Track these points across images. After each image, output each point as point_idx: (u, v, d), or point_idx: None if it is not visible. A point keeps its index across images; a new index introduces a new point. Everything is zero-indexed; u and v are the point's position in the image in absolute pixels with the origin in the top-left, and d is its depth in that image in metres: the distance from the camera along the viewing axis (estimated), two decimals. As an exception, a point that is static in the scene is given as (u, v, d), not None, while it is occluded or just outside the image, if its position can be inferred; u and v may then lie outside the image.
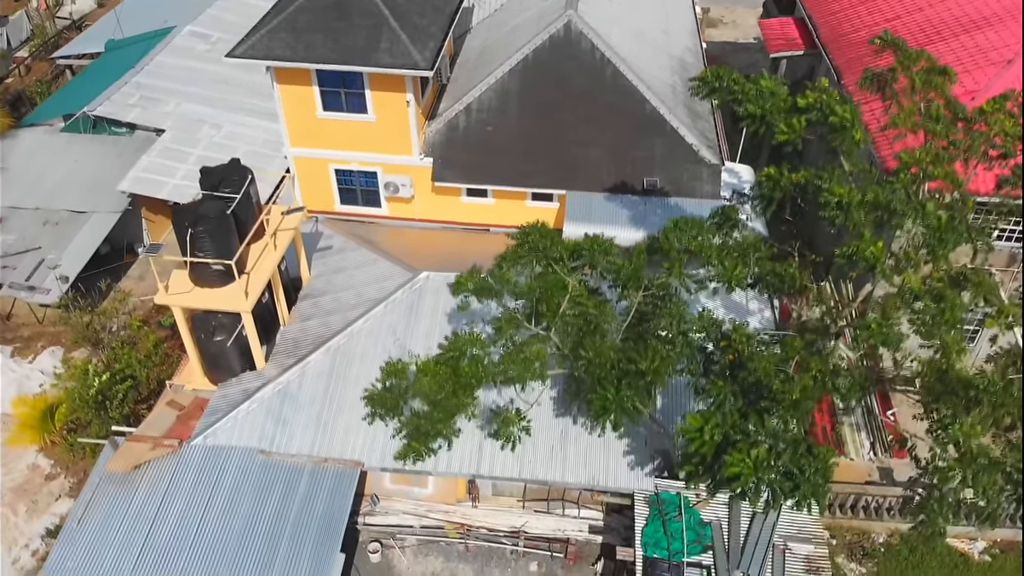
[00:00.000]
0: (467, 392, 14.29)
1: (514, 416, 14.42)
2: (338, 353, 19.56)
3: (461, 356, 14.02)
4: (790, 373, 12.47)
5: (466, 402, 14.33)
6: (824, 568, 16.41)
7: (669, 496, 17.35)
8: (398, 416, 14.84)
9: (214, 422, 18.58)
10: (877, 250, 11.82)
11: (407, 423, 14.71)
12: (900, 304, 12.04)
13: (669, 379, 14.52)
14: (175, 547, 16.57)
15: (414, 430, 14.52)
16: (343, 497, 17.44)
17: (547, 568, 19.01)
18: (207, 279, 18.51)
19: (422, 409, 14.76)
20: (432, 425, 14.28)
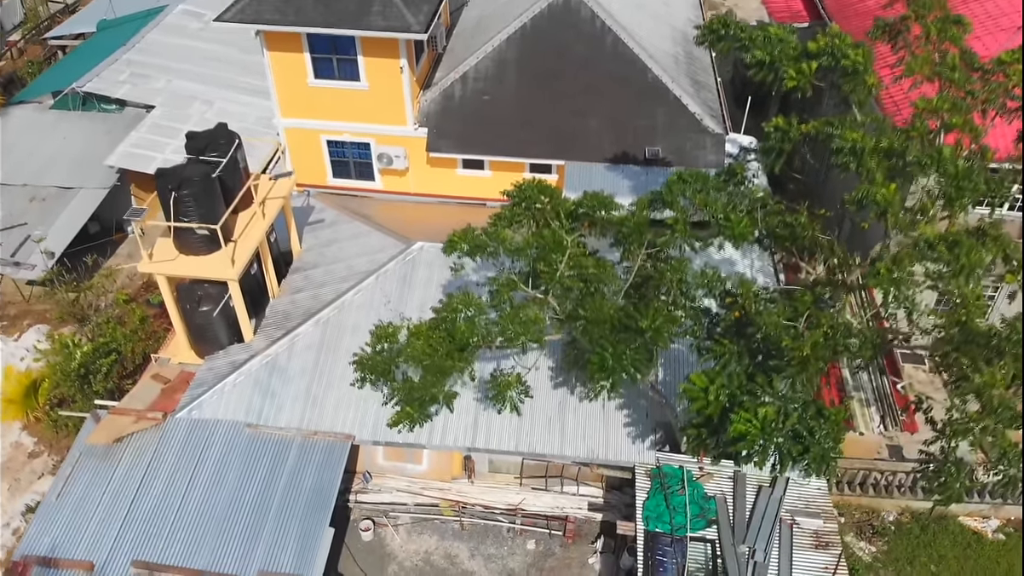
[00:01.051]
0: (462, 354, 13.60)
1: (512, 380, 13.74)
2: (328, 325, 18.90)
3: (455, 316, 13.32)
4: (800, 329, 11.81)
5: (461, 365, 13.63)
6: (834, 543, 15.73)
7: (671, 469, 16.68)
8: (389, 381, 14.15)
9: (200, 395, 17.93)
10: (889, 192, 11.16)
11: (399, 388, 14.02)
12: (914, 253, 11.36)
13: (671, 343, 13.86)
14: (157, 522, 15.91)
15: (407, 395, 13.83)
16: (333, 471, 16.79)
17: (545, 546, 18.35)
18: (192, 246, 17.86)
19: (415, 374, 14.04)
20: (426, 389, 13.58)
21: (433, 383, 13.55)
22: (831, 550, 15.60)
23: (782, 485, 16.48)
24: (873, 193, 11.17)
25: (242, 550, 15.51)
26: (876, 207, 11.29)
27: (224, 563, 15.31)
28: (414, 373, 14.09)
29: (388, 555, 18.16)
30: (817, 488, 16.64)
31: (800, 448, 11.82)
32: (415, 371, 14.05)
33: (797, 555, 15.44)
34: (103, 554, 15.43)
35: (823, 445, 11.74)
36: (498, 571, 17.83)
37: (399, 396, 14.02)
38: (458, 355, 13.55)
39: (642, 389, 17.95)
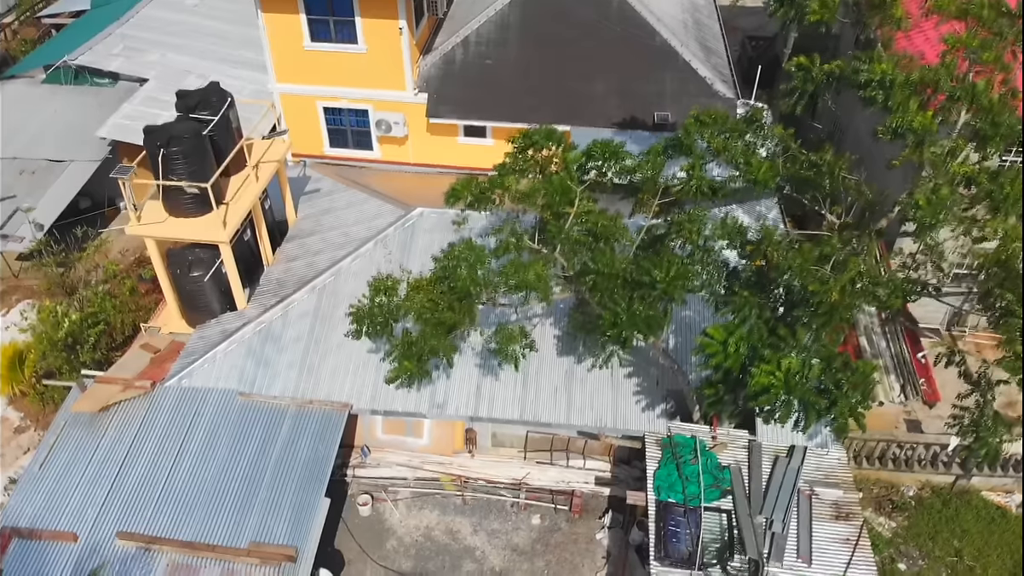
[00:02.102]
0: (463, 304, 12.83)
1: (516, 332, 12.95)
2: (324, 292, 18.15)
3: (457, 265, 12.56)
4: (827, 275, 11.04)
5: (463, 316, 12.86)
6: (855, 514, 14.96)
7: (683, 439, 15.91)
8: (387, 335, 13.38)
9: (190, 363, 17.19)
10: (926, 119, 10.40)
11: (398, 343, 13.25)
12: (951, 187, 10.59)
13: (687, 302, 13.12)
14: (144, 492, 15.18)
15: (406, 348, 13.07)
16: (329, 440, 16.04)
17: (550, 521, 17.59)
18: (182, 208, 17.14)
19: (415, 330, 13.26)
20: (426, 342, 12.80)
21: (433, 335, 12.78)
22: (852, 521, 14.84)
23: (799, 455, 15.72)
24: (908, 120, 10.42)
25: (233, 521, 14.76)
26: (913, 135, 10.53)
27: (214, 534, 14.56)
28: (414, 328, 13.30)
29: (387, 530, 17.41)
30: (836, 459, 15.88)
31: (826, 402, 11.06)
32: (415, 326, 13.26)
33: (817, 526, 14.67)
34: (87, 525, 14.69)
35: (851, 398, 10.98)
36: (502, 547, 17.07)
37: (397, 351, 13.25)
38: (459, 306, 12.78)
39: (652, 357, 17.21)
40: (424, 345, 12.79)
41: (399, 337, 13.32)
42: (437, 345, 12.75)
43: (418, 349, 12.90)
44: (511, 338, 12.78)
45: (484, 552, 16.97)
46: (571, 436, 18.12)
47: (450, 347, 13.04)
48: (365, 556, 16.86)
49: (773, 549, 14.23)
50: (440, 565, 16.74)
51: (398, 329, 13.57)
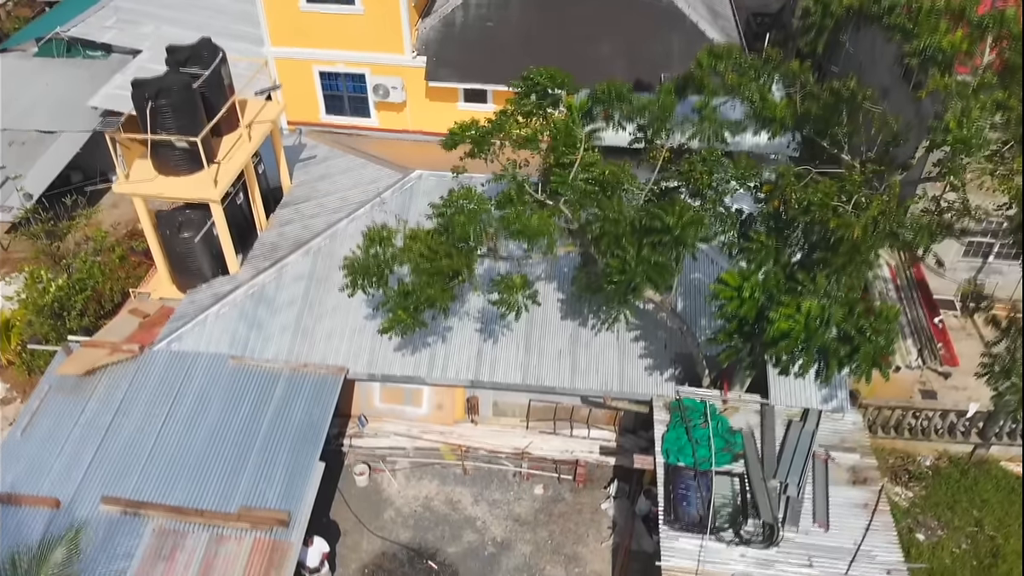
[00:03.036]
0: (464, 252, 12.18)
1: (519, 281, 12.29)
2: (319, 255, 17.52)
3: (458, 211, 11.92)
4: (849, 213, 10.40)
5: (462, 265, 12.21)
6: (873, 479, 14.33)
7: (693, 403, 15.28)
8: (382, 286, 12.73)
9: (180, 327, 16.57)
10: (955, 40, 9.78)
11: (393, 295, 12.61)
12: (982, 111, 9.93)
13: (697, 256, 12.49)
14: (131, 457, 14.55)
15: (401, 298, 12.42)
16: (324, 404, 15.42)
17: (554, 491, 16.95)
18: (172, 165, 16.51)
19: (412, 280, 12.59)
20: (422, 291, 12.14)
21: (430, 284, 12.13)
22: (870, 486, 14.20)
23: (814, 419, 15.09)
24: (937, 40, 9.79)
25: (223, 485, 14.13)
26: (942, 55, 9.90)
27: (203, 499, 13.93)
28: (411, 281, 12.63)
29: (385, 500, 16.78)
30: (852, 423, 15.25)
31: (848, 348, 10.42)
32: (412, 278, 12.60)
33: (834, 491, 14.04)
34: (70, 490, 14.06)
35: (875, 343, 10.34)
36: (504, 517, 16.44)
37: (392, 303, 12.61)
38: (457, 252, 12.14)
39: (660, 320, 16.59)
40: (420, 294, 12.13)
41: (394, 289, 12.67)
42: (434, 294, 12.09)
43: (414, 299, 12.24)
44: (513, 287, 12.12)
45: (485, 522, 16.35)
46: (575, 405, 17.51)
47: (447, 296, 12.36)
48: (362, 527, 16.23)
49: (788, 513, 13.60)
50: (439, 535, 16.11)
51: (394, 282, 12.90)
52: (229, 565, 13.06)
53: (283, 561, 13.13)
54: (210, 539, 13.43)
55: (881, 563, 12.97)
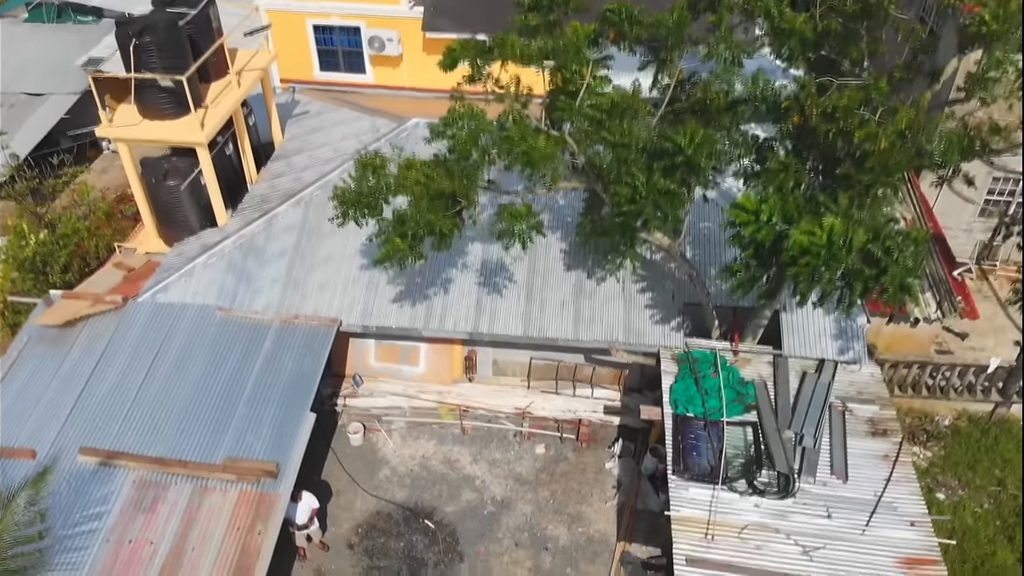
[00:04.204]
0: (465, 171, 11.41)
1: (523, 210, 11.51)
2: (311, 205, 16.79)
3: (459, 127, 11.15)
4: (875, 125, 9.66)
5: (462, 187, 11.44)
6: (892, 430, 13.61)
7: (702, 354, 14.56)
8: (376, 217, 11.98)
9: (166, 278, 15.85)
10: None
11: (389, 224, 11.86)
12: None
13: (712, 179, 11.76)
14: (111, 408, 13.83)
15: (398, 224, 11.66)
16: (315, 356, 14.70)
17: (556, 451, 16.23)
18: (157, 109, 15.82)
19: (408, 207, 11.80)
20: (421, 215, 11.35)
21: (429, 208, 11.37)
22: (890, 437, 13.48)
23: (830, 370, 14.37)
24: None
25: (208, 437, 13.41)
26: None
27: (186, 450, 13.22)
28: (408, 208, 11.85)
29: (380, 460, 16.07)
30: (870, 375, 14.53)
31: (874, 271, 9.69)
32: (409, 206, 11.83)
33: (852, 442, 13.32)
34: (47, 441, 13.35)
35: (903, 265, 9.60)
36: (504, 476, 15.73)
37: (388, 231, 11.86)
38: (458, 171, 11.38)
39: (668, 270, 15.87)
40: (419, 218, 11.35)
41: (390, 220, 11.92)
42: (433, 220, 11.32)
43: (412, 226, 11.49)
44: (517, 216, 11.35)
45: (484, 481, 15.64)
46: (578, 363, 16.81)
47: (448, 223, 11.59)
48: (355, 486, 15.52)
49: (804, 464, 12.88)
50: (437, 495, 15.40)
51: (389, 215, 12.14)
52: (213, 517, 12.35)
53: (270, 513, 12.42)
54: (193, 491, 12.71)
55: (904, 514, 12.25)
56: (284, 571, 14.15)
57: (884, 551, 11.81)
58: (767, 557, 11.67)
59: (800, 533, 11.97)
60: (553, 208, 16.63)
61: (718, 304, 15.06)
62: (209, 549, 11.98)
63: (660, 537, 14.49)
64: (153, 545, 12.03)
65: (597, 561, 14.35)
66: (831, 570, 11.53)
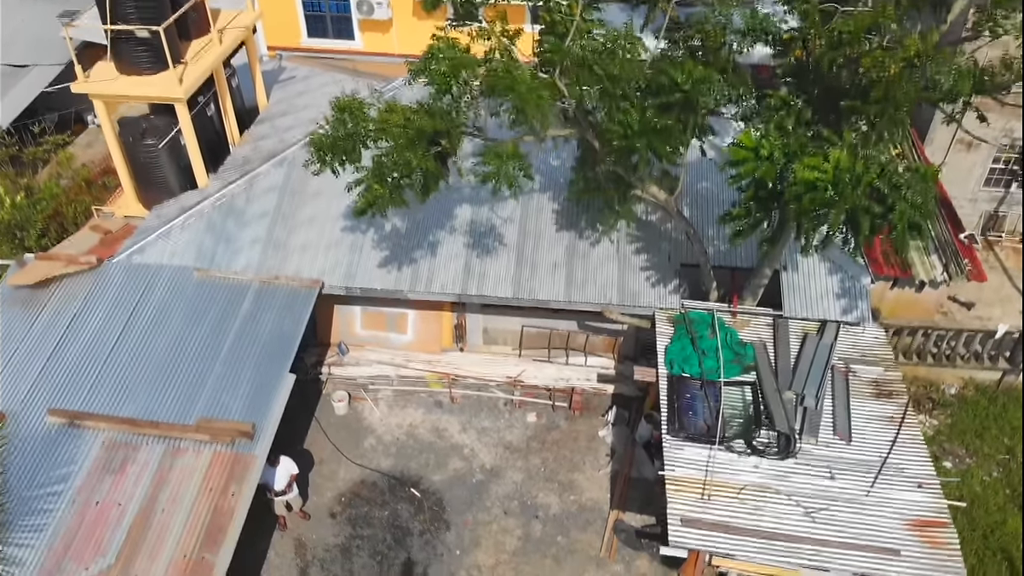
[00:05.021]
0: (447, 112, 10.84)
1: (510, 149, 10.87)
2: (294, 165, 16.20)
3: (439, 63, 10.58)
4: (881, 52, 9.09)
5: (445, 124, 10.84)
6: (898, 392, 13.03)
7: (699, 315, 13.99)
8: (354, 162, 11.38)
9: (142, 239, 15.27)
10: None
11: (367, 170, 11.25)
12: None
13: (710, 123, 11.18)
14: (83, 370, 13.24)
15: (376, 169, 11.07)
16: (296, 317, 14.13)
17: (548, 419, 15.65)
18: (135, 64, 15.25)
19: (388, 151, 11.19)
20: (399, 154, 10.75)
21: (409, 147, 10.77)
22: (896, 399, 12.90)
23: (832, 331, 13.80)
24: None
25: (182, 398, 12.83)
26: None
27: (159, 411, 12.64)
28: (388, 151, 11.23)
29: (365, 429, 15.49)
30: (874, 337, 13.95)
31: (882, 208, 9.11)
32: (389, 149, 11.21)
33: (856, 403, 12.74)
34: (16, 403, 12.76)
35: (912, 201, 9.02)
36: (493, 444, 15.15)
37: (367, 177, 11.26)
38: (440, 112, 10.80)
39: (664, 231, 15.31)
40: (399, 158, 10.74)
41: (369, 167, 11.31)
42: (413, 158, 10.71)
43: (390, 167, 10.88)
44: (503, 156, 10.72)
45: (473, 450, 15.05)
46: (571, 331, 16.24)
47: (432, 165, 10.96)
48: (339, 455, 14.94)
49: (806, 425, 12.30)
50: (424, 463, 14.82)
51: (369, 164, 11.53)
52: (185, 478, 11.77)
53: (245, 474, 11.84)
54: (165, 452, 12.13)
55: (911, 476, 11.67)
56: (263, 542, 13.59)
57: (891, 513, 11.23)
58: (767, 518, 11.09)
59: (802, 494, 11.39)
60: (545, 170, 16.05)
61: (716, 265, 14.49)
62: (180, 510, 11.40)
63: (655, 506, 13.92)
64: (121, 507, 11.45)
65: (589, 529, 13.78)
66: (836, 532, 10.95)
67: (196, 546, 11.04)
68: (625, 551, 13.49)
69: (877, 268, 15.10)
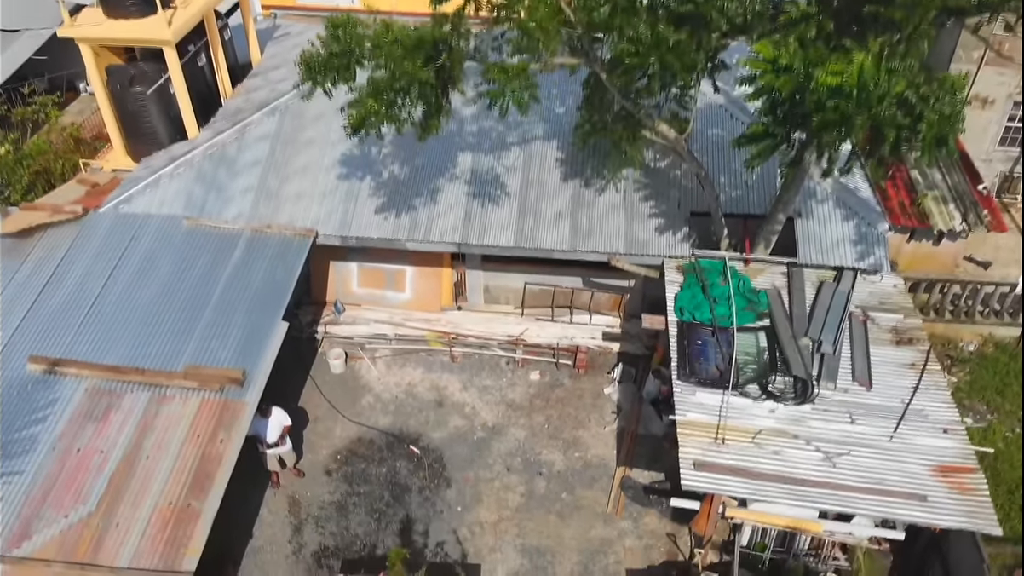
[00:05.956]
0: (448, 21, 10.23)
1: (519, 67, 10.23)
2: (288, 113, 15.64)
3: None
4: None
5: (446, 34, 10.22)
6: (919, 339, 12.44)
7: (710, 263, 13.40)
8: (347, 81, 10.79)
9: (130, 188, 14.70)
10: None
11: (362, 89, 10.65)
12: None
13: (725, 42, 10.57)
14: (66, 317, 12.68)
15: (372, 85, 10.47)
16: (289, 265, 13.56)
17: (552, 377, 15.07)
18: (122, 8, 14.68)
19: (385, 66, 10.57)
20: (398, 65, 10.11)
21: (407, 57, 10.14)
22: (916, 346, 12.31)
23: (849, 279, 13.21)
24: None
25: (169, 346, 12.26)
26: None
27: (145, 358, 12.06)
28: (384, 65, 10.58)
29: (363, 387, 14.91)
30: (892, 285, 13.37)
31: (909, 118, 8.53)
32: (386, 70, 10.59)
33: (875, 350, 12.15)
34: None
35: (940, 111, 8.44)
36: (495, 402, 14.57)
37: (361, 96, 10.66)
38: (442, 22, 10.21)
39: (673, 178, 14.73)
40: (396, 71, 10.10)
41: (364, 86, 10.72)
42: (412, 70, 10.08)
43: (387, 81, 10.28)
44: (507, 73, 10.10)
45: (475, 408, 14.47)
46: (575, 288, 15.66)
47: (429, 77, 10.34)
48: (335, 413, 14.36)
49: (824, 370, 11.71)
50: (423, 421, 14.24)
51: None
52: (171, 425, 11.19)
53: (234, 421, 11.26)
54: (151, 399, 11.54)
55: (935, 422, 11.09)
56: (255, 498, 13.02)
57: (915, 459, 10.63)
58: (786, 463, 10.50)
59: (821, 439, 10.80)
60: (549, 119, 15.48)
61: (728, 213, 13.90)
62: (165, 457, 10.82)
63: (663, 462, 13.36)
64: (103, 454, 10.87)
65: (595, 486, 13.20)
66: (857, 477, 10.36)
67: (182, 493, 10.46)
68: (633, 508, 12.92)
69: (894, 218, 14.54)
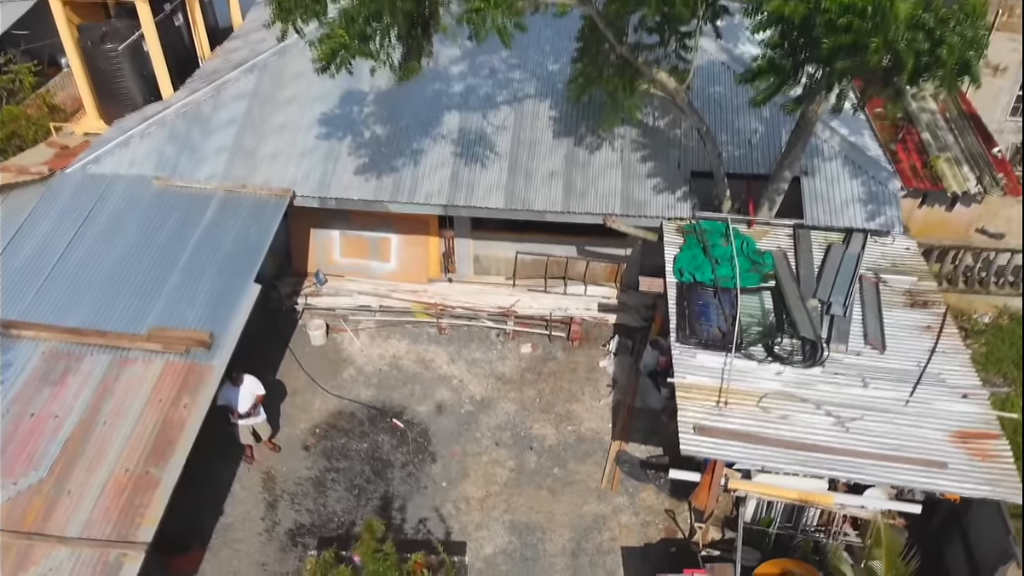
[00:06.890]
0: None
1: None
2: (266, 71, 14.87)
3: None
4: None
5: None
6: (934, 301, 11.67)
7: (712, 225, 12.62)
8: (320, 15, 10.03)
9: (99, 148, 13.91)
10: None
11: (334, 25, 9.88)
12: None
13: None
14: (25, 279, 11.88)
15: (344, 15, 9.70)
16: (263, 227, 12.78)
17: (544, 350, 14.29)
18: (89, -43, 13.89)
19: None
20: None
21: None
22: (931, 308, 11.54)
23: (859, 241, 12.44)
24: None
25: (133, 308, 11.46)
26: None
27: (108, 321, 11.27)
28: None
29: (344, 360, 14.12)
30: (905, 248, 12.60)
31: (928, 43, 7.76)
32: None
33: (888, 313, 11.38)
34: (-53, 313, 11.40)
35: (961, 35, 7.67)
36: (484, 376, 13.78)
37: (331, 27, 9.87)
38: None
39: (672, 137, 13.96)
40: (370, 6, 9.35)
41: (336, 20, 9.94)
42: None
43: (357, 7, 9.51)
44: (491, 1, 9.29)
45: (463, 381, 13.69)
46: (570, 258, 14.88)
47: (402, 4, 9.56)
48: (314, 386, 13.58)
49: (834, 332, 10.94)
50: (408, 394, 13.46)
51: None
52: (132, 389, 10.39)
53: (200, 385, 10.46)
54: (111, 362, 10.75)
55: (953, 386, 10.31)
56: (227, 474, 12.23)
57: (933, 423, 9.87)
58: (795, 428, 9.72)
59: (832, 403, 10.02)
60: (541, 75, 14.72)
61: (730, 173, 13.13)
62: (124, 422, 10.02)
63: (661, 436, 12.57)
64: (58, 418, 10.07)
65: (589, 460, 12.41)
66: (872, 443, 9.58)
67: (140, 460, 9.67)
68: (628, 483, 12.13)
69: (906, 181, 13.77)
